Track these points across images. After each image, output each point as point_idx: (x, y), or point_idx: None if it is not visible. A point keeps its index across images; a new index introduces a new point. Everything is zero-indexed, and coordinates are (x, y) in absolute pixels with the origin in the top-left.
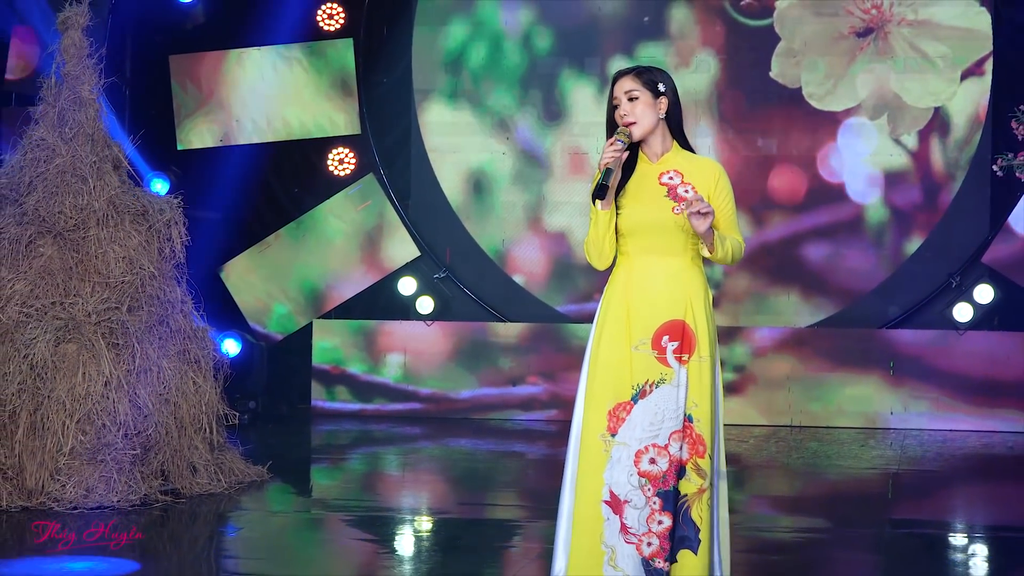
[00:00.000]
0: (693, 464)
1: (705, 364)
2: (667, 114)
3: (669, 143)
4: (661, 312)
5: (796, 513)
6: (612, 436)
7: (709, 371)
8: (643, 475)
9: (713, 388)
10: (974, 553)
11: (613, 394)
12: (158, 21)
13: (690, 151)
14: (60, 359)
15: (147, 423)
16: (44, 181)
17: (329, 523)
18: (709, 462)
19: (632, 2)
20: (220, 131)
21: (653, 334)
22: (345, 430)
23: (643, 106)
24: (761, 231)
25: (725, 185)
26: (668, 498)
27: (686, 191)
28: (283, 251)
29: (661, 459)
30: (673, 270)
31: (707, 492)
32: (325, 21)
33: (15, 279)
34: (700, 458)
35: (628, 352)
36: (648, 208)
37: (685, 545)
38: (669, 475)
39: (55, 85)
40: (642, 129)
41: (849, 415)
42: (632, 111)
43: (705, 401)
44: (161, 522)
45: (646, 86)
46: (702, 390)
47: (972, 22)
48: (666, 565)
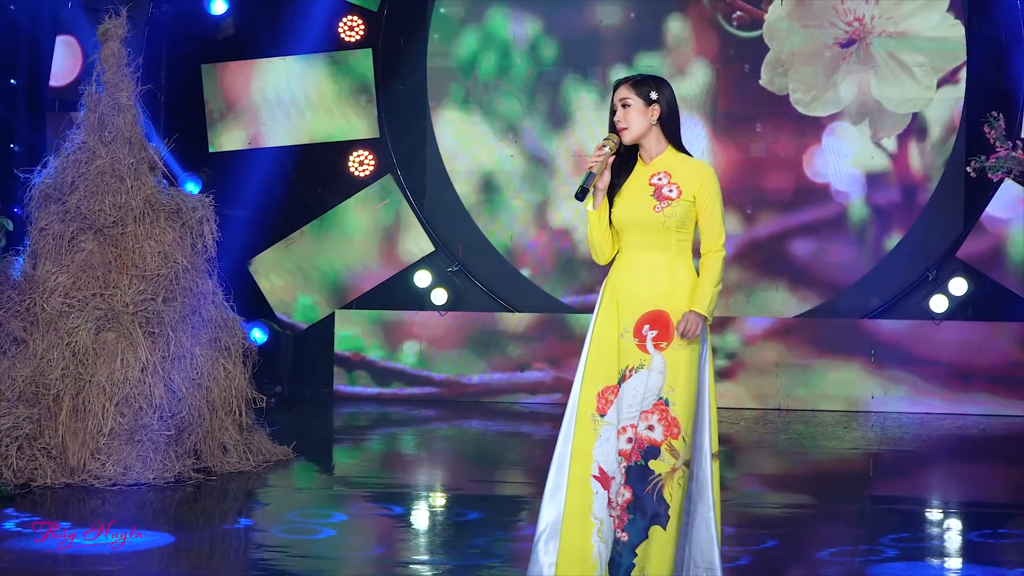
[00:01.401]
0: (667, 445)
1: (683, 351)
2: (660, 120)
3: (663, 146)
4: (643, 303)
5: (784, 490)
6: (601, 416)
7: (688, 358)
8: (621, 453)
9: (694, 375)
10: (949, 527)
11: (603, 377)
12: (191, 32)
13: (686, 154)
14: (100, 346)
15: (181, 406)
16: (85, 181)
17: (350, 499)
18: (683, 444)
19: (631, 15)
20: (249, 135)
21: (635, 323)
22: (365, 412)
23: (635, 113)
24: (751, 228)
25: (711, 186)
26: (630, 473)
27: (670, 191)
28: (307, 246)
29: (628, 436)
30: (656, 264)
31: (679, 472)
32: (346, 33)
33: (58, 272)
34: (674, 439)
35: (617, 339)
36: (634, 206)
37: (656, 521)
38: (634, 452)
39: (95, 92)
40: (632, 134)
41: (833, 399)
42: (625, 117)
43: (681, 386)
44: (194, 498)
45: (639, 94)
46: (678, 376)
47: (947, 34)
48: (624, 535)
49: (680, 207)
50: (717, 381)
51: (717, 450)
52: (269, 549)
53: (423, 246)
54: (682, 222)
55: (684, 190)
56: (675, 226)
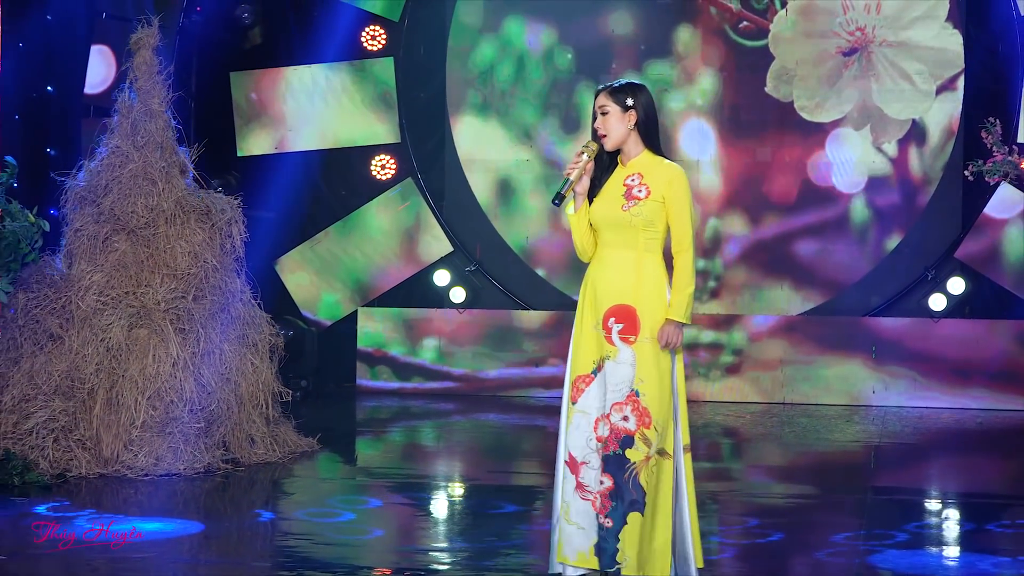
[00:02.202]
0: (640, 434)
1: (651, 345)
2: (637, 125)
3: (640, 149)
4: (612, 297)
5: (788, 481)
6: (573, 404)
7: (657, 351)
8: (599, 440)
9: (665, 367)
10: (947, 517)
11: (579, 367)
12: (220, 41)
13: (662, 157)
14: (133, 342)
15: (210, 400)
16: (119, 184)
17: (372, 489)
18: (655, 433)
19: (641, 25)
20: (275, 139)
21: (603, 316)
22: (386, 406)
23: (614, 119)
24: (757, 229)
25: (678, 188)
26: (609, 461)
27: (639, 191)
28: (332, 246)
29: (605, 427)
30: (625, 260)
31: (652, 459)
32: (368, 42)
33: (93, 271)
34: (646, 429)
35: (591, 331)
36: (607, 205)
37: (634, 508)
38: (611, 441)
39: (128, 99)
40: (612, 140)
41: (835, 394)
42: (604, 124)
43: (651, 378)
44: (222, 488)
45: (616, 102)
46: (648, 368)
47: (946, 43)
48: (608, 521)
49: (647, 207)
50: (724, 377)
51: (688, 443)
52: (294, 536)
53: (442, 246)
54: (649, 221)
55: (653, 191)
56: (642, 225)
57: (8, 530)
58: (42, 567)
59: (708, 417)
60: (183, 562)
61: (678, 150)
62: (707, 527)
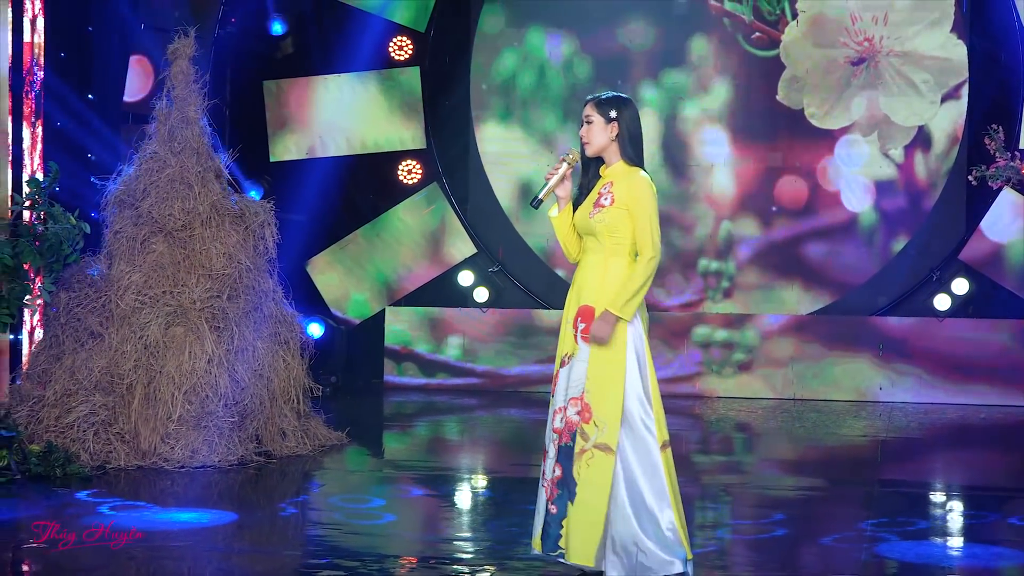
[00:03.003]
0: (580, 429)
1: (610, 347)
2: (618, 136)
3: (616, 160)
4: (580, 298)
5: (798, 474)
6: (552, 396)
7: (606, 351)
8: (555, 431)
9: (614, 367)
10: (951, 508)
11: (556, 364)
12: (253, 51)
13: (637, 167)
14: (170, 340)
15: (244, 395)
16: (156, 188)
17: (399, 480)
18: (594, 428)
19: (658, 36)
20: (306, 145)
21: (573, 316)
22: (412, 401)
23: (596, 129)
24: (768, 232)
25: (641, 197)
26: (561, 452)
27: (606, 199)
28: (360, 248)
29: (561, 419)
30: (594, 263)
31: (587, 453)
32: (396, 52)
33: (132, 271)
34: (585, 424)
35: (566, 329)
36: (582, 212)
37: (568, 497)
38: (564, 433)
39: (166, 106)
40: (592, 148)
41: (843, 390)
42: (587, 133)
43: (598, 376)
44: (255, 479)
45: (600, 113)
46: (597, 366)
47: (950, 53)
48: (553, 508)
49: (610, 214)
50: (736, 373)
51: (665, 440)
52: (324, 526)
53: (466, 248)
54: (613, 228)
55: (617, 199)
56: (606, 231)
57: (51, 519)
58: (82, 556)
59: (721, 412)
60: (218, 551)
61: (693, 155)
62: (720, 518)
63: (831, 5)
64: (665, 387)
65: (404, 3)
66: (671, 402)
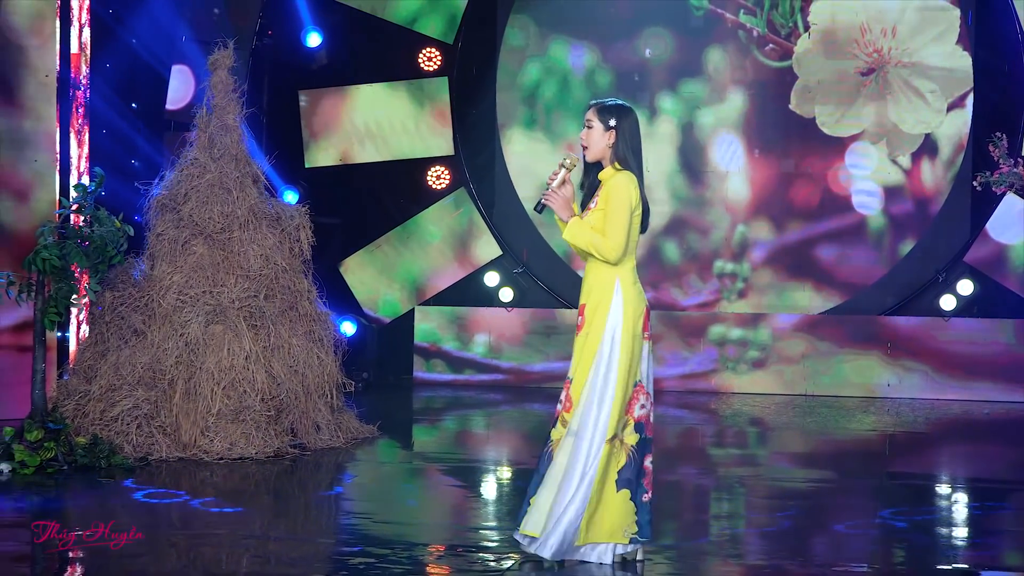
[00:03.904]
0: (561, 417)
1: (586, 339)
2: (614, 144)
3: (610, 164)
4: (582, 297)
5: (809, 466)
6: None
7: (588, 345)
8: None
9: (592, 359)
10: (956, 500)
11: None
12: (290, 62)
13: (626, 171)
14: (209, 337)
15: (280, 390)
16: (197, 192)
17: (427, 472)
18: (574, 417)
19: (675, 48)
20: (340, 152)
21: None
22: (441, 396)
23: (595, 134)
24: (781, 235)
25: (611, 190)
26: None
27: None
28: (391, 250)
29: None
30: (591, 263)
31: (566, 440)
32: (425, 63)
33: (173, 272)
34: (566, 412)
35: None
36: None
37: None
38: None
39: (206, 115)
40: (592, 153)
41: (853, 386)
42: (587, 137)
43: (579, 367)
44: (291, 470)
45: (601, 120)
46: (579, 358)
47: (956, 64)
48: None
49: (594, 215)
50: (751, 370)
51: (612, 436)
52: (356, 515)
53: (492, 250)
54: (598, 228)
55: (600, 201)
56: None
57: (96, 508)
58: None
59: (736, 407)
60: (255, 538)
61: (709, 162)
62: (735, 508)
63: (842, 18)
64: (682, 383)
65: (433, 17)
66: (688, 397)
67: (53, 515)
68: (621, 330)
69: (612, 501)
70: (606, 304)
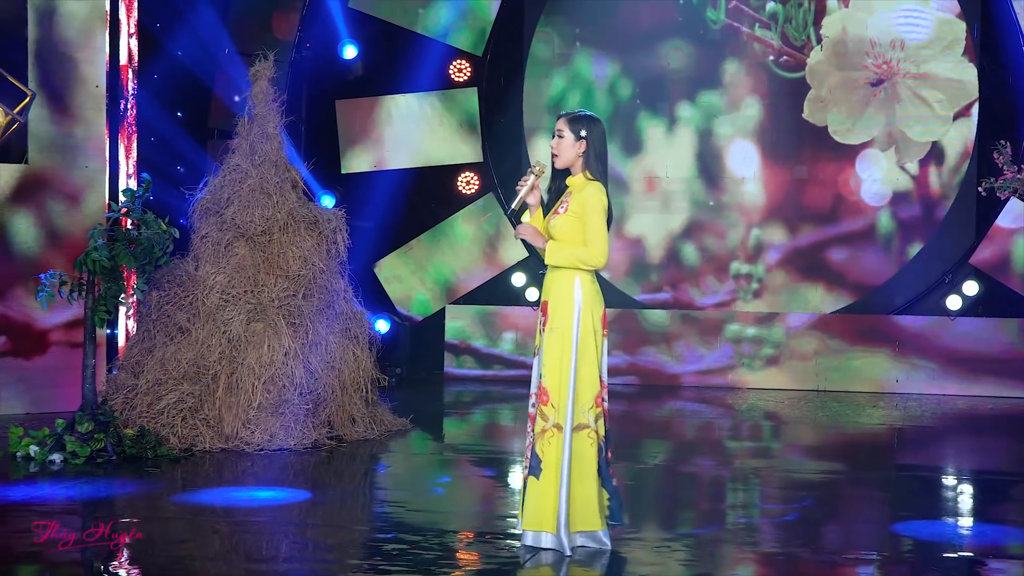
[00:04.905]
0: (539, 410)
1: (555, 335)
2: (585, 153)
3: (579, 171)
4: (548, 295)
5: (821, 458)
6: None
7: (558, 341)
8: (529, 416)
9: (565, 356)
10: (962, 491)
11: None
12: (327, 73)
13: (596, 181)
14: (251, 334)
15: (317, 384)
16: (239, 197)
17: (458, 462)
18: (552, 409)
19: (694, 60)
20: (374, 159)
21: (539, 311)
22: (470, 391)
23: (566, 144)
24: (795, 238)
25: (588, 200)
26: (532, 433)
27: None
28: (423, 252)
29: (533, 403)
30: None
31: (548, 432)
32: (455, 74)
33: (216, 273)
34: (544, 406)
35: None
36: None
37: (532, 472)
38: (534, 416)
39: (247, 123)
40: (561, 160)
41: (863, 382)
42: (558, 146)
43: (551, 363)
44: (327, 461)
45: (571, 130)
46: (550, 354)
47: (962, 75)
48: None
49: (563, 220)
50: (765, 367)
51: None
52: (390, 504)
53: (519, 252)
54: (565, 232)
55: (571, 207)
56: (559, 235)
57: (143, 496)
58: (172, 529)
59: (751, 402)
60: (293, 525)
61: (726, 168)
62: (749, 498)
63: (853, 31)
64: (700, 379)
65: (463, 30)
66: (706, 392)
67: (103, 503)
68: (583, 325)
69: (591, 489)
70: (568, 301)
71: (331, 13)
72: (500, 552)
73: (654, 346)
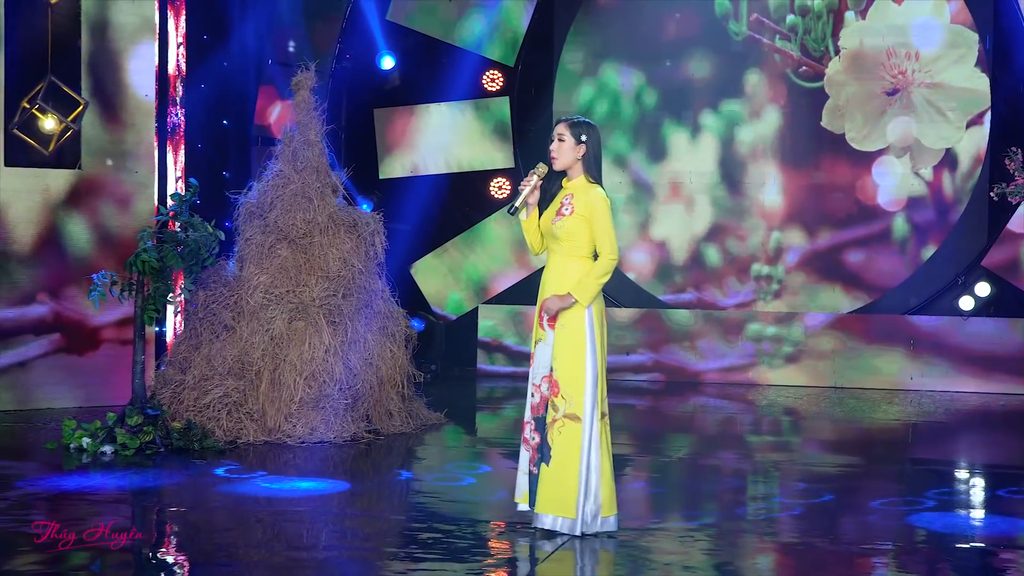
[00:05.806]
0: (551, 402)
1: (565, 330)
2: (584, 156)
3: (579, 175)
4: (545, 291)
5: (839, 452)
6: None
7: (569, 335)
8: (532, 405)
9: (577, 348)
10: (975, 484)
11: (532, 346)
12: (365, 83)
13: (595, 183)
14: (292, 332)
15: (356, 380)
16: (282, 201)
17: (490, 455)
18: (562, 401)
19: (716, 70)
20: (411, 165)
21: (539, 306)
22: (502, 386)
23: (567, 148)
24: (813, 241)
25: (597, 208)
26: (538, 422)
27: (567, 209)
28: (457, 254)
29: (537, 394)
30: (555, 263)
31: (559, 422)
32: (488, 83)
33: (260, 273)
34: (555, 397)
35: (536, 318)
36: (546, 218)
37: (541, 459)
38: (539, 406)
39: (290, 130)
40: (560, 163)
41: (879, 380)
42: (558, 150)
43: (562, 357)
44: (366, 453)
45: (572, 134)
46: (561, 349)
47: (975, 84)
48: (535, 469)
49: (569, 221)
50: (784, 365)
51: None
52: (425, 494)
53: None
54: (571, 233)
55: (577, 209)
56: (564, 236)
57: (190, 486)
58: (216, 518)
59: (771, 399)
60: (332, 515)
61: (747, 174)
62: (769, 490)
63: (869, 43)
64: (722, 376)
65: (496, 41)
66: (728, 389)
67: (152, 493)
68: (595, 317)
69: (609, 475)
70: None
71: (369, 26)
72: (531, 541)
73: (678, 344)
